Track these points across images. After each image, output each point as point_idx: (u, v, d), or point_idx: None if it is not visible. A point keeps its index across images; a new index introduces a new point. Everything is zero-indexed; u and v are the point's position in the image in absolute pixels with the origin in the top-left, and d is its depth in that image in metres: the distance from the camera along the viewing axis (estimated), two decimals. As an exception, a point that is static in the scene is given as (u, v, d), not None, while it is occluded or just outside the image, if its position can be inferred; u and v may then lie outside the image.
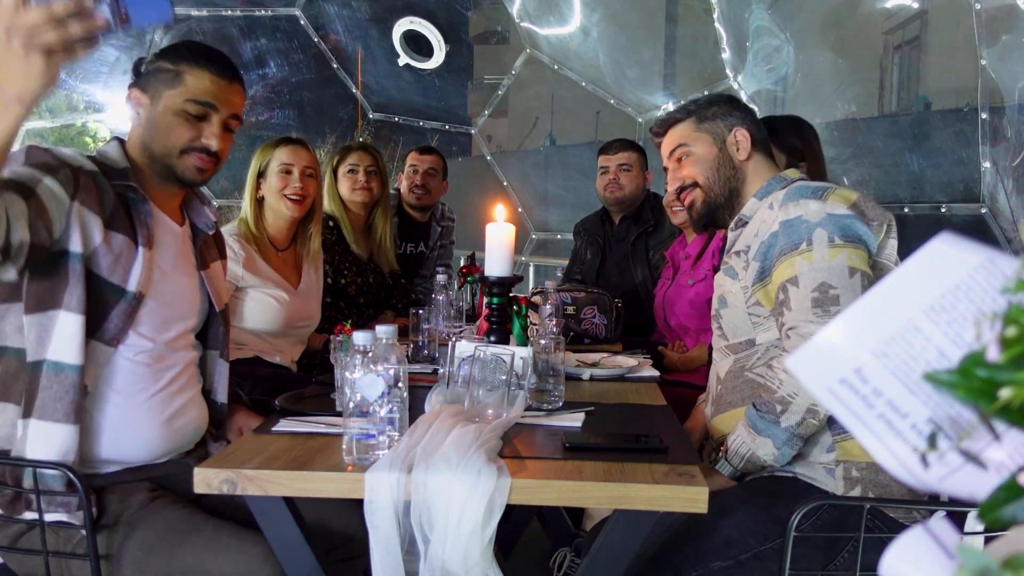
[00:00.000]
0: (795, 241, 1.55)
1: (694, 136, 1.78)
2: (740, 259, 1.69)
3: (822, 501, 1.40)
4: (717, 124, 1.77)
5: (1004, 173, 3.43)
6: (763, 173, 1.77)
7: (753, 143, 1.76)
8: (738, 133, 1.76)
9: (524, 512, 2.27)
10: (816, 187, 1.63)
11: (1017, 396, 0.42)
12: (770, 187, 1.74)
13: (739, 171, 1.76)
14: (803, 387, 1.35)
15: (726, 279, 1.72)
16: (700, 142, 1.77)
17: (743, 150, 1.75)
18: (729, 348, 1.70)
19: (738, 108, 1.81)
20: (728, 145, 1.77)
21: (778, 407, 1.49)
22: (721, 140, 1.77)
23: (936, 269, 0.46)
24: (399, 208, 3.55)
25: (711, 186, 1.76)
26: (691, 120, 1.79)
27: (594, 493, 1.24)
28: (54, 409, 1.37)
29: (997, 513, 0.44)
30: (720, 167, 1.76)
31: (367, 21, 5.59)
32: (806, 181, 1.72)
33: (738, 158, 1.76)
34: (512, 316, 1.88)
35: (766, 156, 1.79)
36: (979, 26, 3.50)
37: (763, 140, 1.80)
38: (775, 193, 1.69)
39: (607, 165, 3.24)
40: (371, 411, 1.28)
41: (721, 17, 4.69)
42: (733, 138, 1.76)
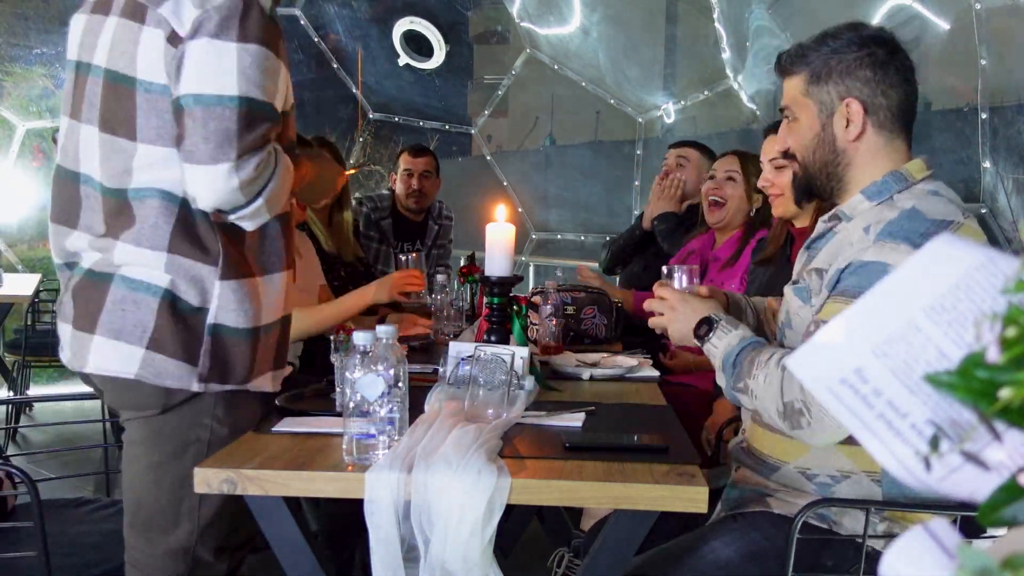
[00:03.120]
0: (861, 286, 1.30)
1: (800, 101, 1.46)
2: (818, 280, 1.42)
3: (823, 504, 1.40)
4: (829, 90, 1.43)
5: (1004, 173, 3.43)
6: (878, 159, 1.43)
7: (871, 117, 1.41)
8: (850, 105, 1.41)
9: (524, 512, 2.27)
10: (936, 222, 1.31)
11: (1017, 396, 0.42)
12: (886, 186, 1.41)
13: (841, 155, 1.44)
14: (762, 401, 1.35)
15: (795, 298, 1.48)
16: (805, 111, 1.46)
17: (853, 128, 1.41)
18: None
19: (867, 64, 1.40)
20: (835, 120, 1.43)
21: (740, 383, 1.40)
22: (828, 113, 1.43)
23: (936, 269, 0.46)
24: (393, 209, 3.55)
25: (807, 165, 1.48)
26: (805, 75, 1.45)
27: (594, 493, 1.24)
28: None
29: (997, 514, 0.44)
30: (819, 147, 1.46)
31: (367, 21, 5.59)
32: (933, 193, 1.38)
33: (844, 138, 1.43)
34: (512, 316, 1.88)
35: (890, 135, 1.43)
36: (979, 26, 3.50)
37: (891, 111, 1.42)
38: (891, 203, 1.38)
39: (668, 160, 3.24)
40: (371, 411, 1.28)
41: (721, 17, 4.69)
42: (843, 110, 1.41)
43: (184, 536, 1.43)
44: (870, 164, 1.44)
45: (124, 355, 1.36)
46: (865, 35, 1.43)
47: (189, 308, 1.37)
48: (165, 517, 1.43)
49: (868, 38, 1.42)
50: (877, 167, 1.43)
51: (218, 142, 1.27)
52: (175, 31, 1.29)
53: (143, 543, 1.45)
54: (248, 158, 1.30)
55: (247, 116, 1.30)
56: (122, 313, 1.36)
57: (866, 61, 1.41)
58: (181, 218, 1.37)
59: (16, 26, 5.05)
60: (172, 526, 1.43)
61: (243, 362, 1.42)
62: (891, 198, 1.40)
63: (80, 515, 1.84)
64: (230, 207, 1.33)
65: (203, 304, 1.37)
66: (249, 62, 1.30)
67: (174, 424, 1.41)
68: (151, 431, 1.42)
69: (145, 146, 1.35)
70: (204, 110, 1.28)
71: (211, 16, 1.28)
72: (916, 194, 1.39)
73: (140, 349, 1.36)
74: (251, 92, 1.30)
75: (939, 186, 1.42)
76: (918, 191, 1.40)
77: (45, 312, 4.34)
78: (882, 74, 1.41)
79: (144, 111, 1.34)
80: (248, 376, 1.44)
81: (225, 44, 1.28)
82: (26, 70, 5.05)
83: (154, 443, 1.42)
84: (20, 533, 1.60)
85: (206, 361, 1.38)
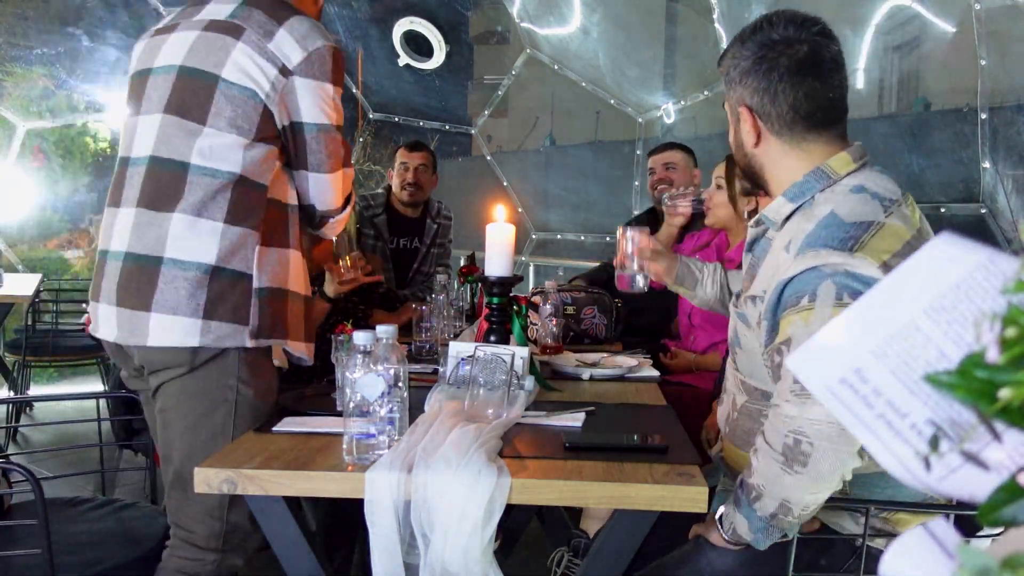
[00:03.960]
0: (799, 293, 1.28)
1: (726, 100, 1.46)
2: (754, 309, 1.41)
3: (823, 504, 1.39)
4: (731, 95, 1.43)
5: (1004, 173, 3.43)
6: (791, 162, 1.39)
7: (764, 124, 1.39)
8: (743, 113, 1.40)
9: (524, 512, 2.27)
10: (854, 224, 1.27)
11: (1017, 397, 0.42)
12: (806, 186, 1.37)
13: (751, 159, 1.44)
14: (774, 482, 1.27)
15: (739, 322, 1.47)
16: (729, 114, 1.46)
17: (750, 135, 1.41)
18: (744, 385, 1.50)
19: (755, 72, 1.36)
20: (741, 126, 1.42)
21: (752, 492, 1.31)
22: (736, 118, 1.44)
23: (936, 269, 0.46)
24: (388, 205, 3.55)
25: (739, 165, 1.51)
26: (723, 79, 1.45)
27: (594, 493, 1.24)
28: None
29: (997, 514, 0.44)
30: (737, 150, 1.47)
31: (367, 21, 5.59)
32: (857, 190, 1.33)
33: (749, 143, 1.42)
34: (512, 316, 1.88)
35: (795, 139, 1.38)
36: (979, 26, 3.50)
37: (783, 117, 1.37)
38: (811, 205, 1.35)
39: (654, 166, 3.25)
40: (371, 411, 1.28)
41: (721, 17, 4.69)
42: (743, 116, 1.41)
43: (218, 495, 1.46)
44: (781, 166, 1.40)
45: (185, 327, 1.52)
46: (761, 40, 1.37)
47: (235, 274, 1.55)
48: None
49: (762, 43, 1.37)
50: (793, 168, 1.39)
51: (336, 159, 1.68)
52: (285, 65, 1.59)
53: (181, 501, 1.56)
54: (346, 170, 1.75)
55: (341, 140, 1.70)
56: (174, 290, 1.52)
57: (751, 66, 1.37)
58: (237, 193, 1.56)
59: (16, 26, 5.05)
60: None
61: (282, 318, 1.61)
62: (812, 199, 1.36)
63: (78, 514, 1.84)
64: (333, 207, 1.72)
65: (247, 269, 1.56)
66: (338, 99, 1.69)
67: (202, 385, 1.55)
68: (185, 394, 1.56)
69: (213, 131, 1.56)
70: (325, 135, 1.65)
71: (314, 59, 1.61)
72: (837, 193, 1.34)
73: (198, 320, 1.52)
74: (339, 121, 1.69)
75: (866, 178, 1.35)
76: (840, 189, 1.35)
77: (45, 312, 4.34)
78: (767, 81, 1.36)
79: (219, 103, 1.56)
80: (287, 332, 1.62)
81: (327, 85, 1.63)
82: (26, 70, 5.05)
83: (188, 405, 1.56)
84: (17, 532, 1.61)
85: (255, 320, 1.56)
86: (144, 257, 1.54)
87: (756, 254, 1.50)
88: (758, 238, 1.52)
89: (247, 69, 1.58)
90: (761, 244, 1.49)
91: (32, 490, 1.43)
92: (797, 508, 1.27)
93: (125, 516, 1.84)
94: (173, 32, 1.65)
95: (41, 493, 1.43)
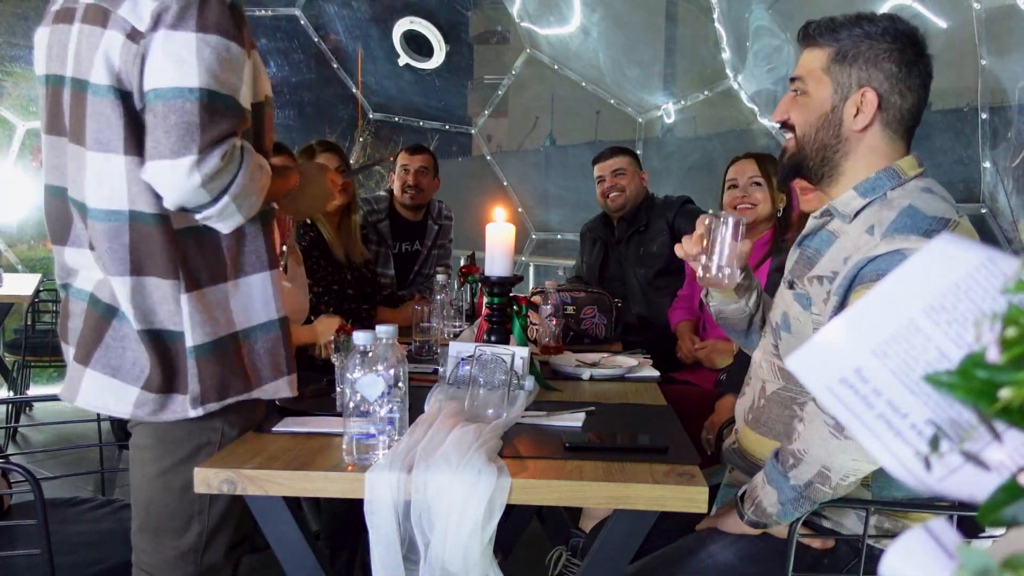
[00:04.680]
0: (881, 272, 1.27)
1: (817, 76, 1.43)
2: (820, 288, 1.40)
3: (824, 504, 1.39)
4: (851, 72, 1.40)
5: (1004, 173, 3.43)
6: (876, 156, 1.41)
7: (883, 112, 1.39)
8: (866, 94, 1.39)
9: (524, 512, 2.27)
10: (935, 219, 1.31)
11: (1017, 397, 0.42)
12: (878, 183, 1.40)
13: (842, 142, 1.42)
14: (818, 446, 1.27)
15: (795, 304, 1.46)
16: (819, 87, 1.42)
17: (862, 119, 1.39)
18: (782, 372, 1.50)
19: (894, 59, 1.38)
20: (847, 105, 1.40)
21: (790, 459, 1.31)
22: (842, 96, 1.41)
23: (936, 269, 0.46)
24: (391, 210, 3.55)
25: (805, 142, 1.45)
26: (830, 51, 1.41)
27: (594, 493, 1.24)
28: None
29: (997, 514, 0.44)
30: (823, 128, 1.43)
31: (367, 21, 5.59)
32: (927, 191, 1.37)
33: (851, 126, 1.40)
34: (512, 316, 1.87)
35: (893, 135, 1.41)
36: (979, 26, 3.50)
37: (902, 111, 1.40)
38: (885, 200, 1.38)
39: (602, 174, 3.25)
40: (371, 411, 1.28)
41: (721, 17, 4.69)
42: (857, 98, 1.39)
43: (194, 538, 1.43)
44: (867, 159, 1.42)
45: (120, 393, 1.35)
46: (900, 29, 1.40)
47: (168, 334, 1.34)
48: (175, 520, 1.42)
49: (902, 33, 1.39)
50: (872, 163, 1.42)
51: (179, 135, 1.23)
52: (135, 27, 1.25)
53: (152, 547, 1.44)
54: (210, 152, 1.25)
55: (209, 109, 1.25)
56: (121, 350, 1.34)
57: (895, 55, 1.38)
58: (133, 232, 1.31)
59: (16, 26, 5.05)
60: (182, 529, 1.42)
61: (237, 372, 1.38)
62: (884, 195, 1.39)
63: (78, 514, 1.84)
64: (195, 205, 1.28)
65: (177, 326, 1.33)
66: (208, 52, 1.25)
67: (185, 429, 1.39)
68: (159, 437, 1.40)
69: (91, 153, 1.30)
70: (165, 104, 1.23)
71: (169, 7, 1.24)
72: (910, 191, 1.38)
73: (136, 389, 1.34)
74: (212, 84, 1.25)
75: (931, 183, 1.41)
76: (911, 188, 1.38)
77: (45, 312, 4.34)
78: (906, 73, 1.39)
79: (90, 116, 1.29)
80: (250, 384, 1.41)
81: (184, 35, 1.24)
82: (26, 70, 5.05)
83: (164, 448, 1.40)
84: (16, 532, 1.61)
85: (195, 385, 1.34)
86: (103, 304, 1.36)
87: (815, 244, 1.48)
88: (816, 230, 1.49)
89: (108, 62, 1.27)
90: (820, 235, 1.48)
91: (32, 490, 1.43)
92: (836, 476, 1.27)
93: (125, 516, 1.83)
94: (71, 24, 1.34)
95: (41, 493, 1.43)
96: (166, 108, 1.23)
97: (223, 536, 1.46)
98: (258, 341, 1.42)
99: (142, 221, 1.31)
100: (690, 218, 3.12)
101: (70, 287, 1.42)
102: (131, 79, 1.27)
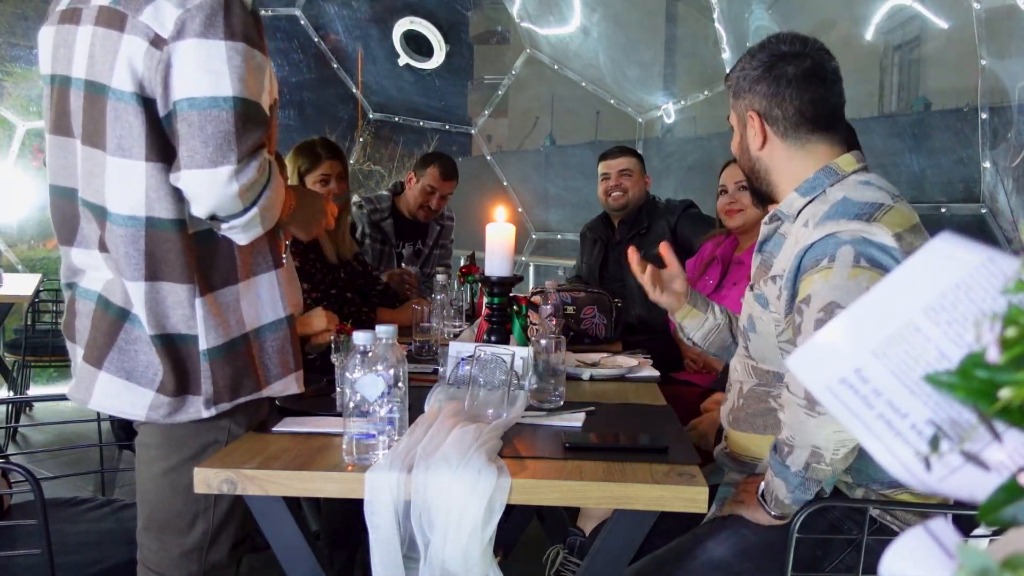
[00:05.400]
0: (817, 257, 1.36)
1: (732, 114, 1.59)
2: (774, 286, 1.49)
3: (823, 503, 1.40)
4: (740, 103, 1.55)
5: (1004, 173, 3.43)
6: (798, 163, 1.51)
7: (771, 127, 1.51)
8: (752, 117, 1.52)
9: (524, 512, 2.27)
10: (866, 204, 1.38)
11: (1017, 397, 0.42)
12: (817, 182, 1.48)
13: (756, 162, 1.55)
14: (800, 428, 1.32)
15: (756, 304, 1.54)
16: (735, 124, 1.59)
17: (756, 139, 1.53)
18: (754, 370, 1.57)
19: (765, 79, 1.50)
20: (748, 131, 1.55)
21: (784, 448, 1.36)
22: (743, 125, 1.56)
23: (936, 269, 0.46)
24: (394, 209, 3.55)
25: (743, 170, 1.62)
26: (730, 92, 1.58)
27: (594, 493, 1.24)
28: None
29: (997, 514, 0.44)
30: (742, 155, 1.59)
31: (367, 21, 5.59)
32: (864, 183, 1.45)
33: (754, 147, 1.54)
34: (512, 316, 1.87)
35: (800, 140, 1.51)
36: (979, 26, 3.50)
37: (789, 120, 1.50)
38: (824, 196, 1.46)
39: (608, 172, 3.24)
40: (371, 411, 1.28)
41: (721, 17, 4.69)
42: (750, 122, 1.53)
43: (199, 537, 1.44)
44: (788, 167, 1.52)
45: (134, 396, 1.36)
46: (772, 52, 1.52)
47: (181, 338, 1.34)
48: (181, 519, 1.43)
49: (773, 56, 1.51)
50: (800, 168, 1.51)
51: (217, 145, 1.24)
52: (158, 34, 1.25)
53: (157, 545, 1.44)
54: (248, 162, 1.26)
55: (242, 117, 1.25)
56: (134, 353, 1.35)
57: (766, 76, 1.50)
58: (150, 239, 1.32)
59: (16, 26, 5.05)
60: (187, 528, 1.43)
61: (248, 372, 1.40)
62: (824, 192, 1.48)
63: (77, 514, 1.84)
64: (227, 213, 1.29)
65: (191, 330, 1.34)
66: (239, 61, 1.25)
67: (192, 428, 1.39)
68: (167, 435, 1.40)
69: (112, 159, 1.30)
70: (200, 114, 1.23)
71: (194, 15, 1.23)
72: (847, 185, 1.46)
73: (151, 392, 1.35)
74: (243, 92, 1.26)
75: (871, 177, 1.48)
76: (849, 183, 1.46)
77: (45, 312, 4.34)
78: (776, 87, 1.50)
79: (111, 121, 1.29)
80: (259, 384, 1.42)
81: (214, 43, 1.24)
82: (26, 70, 5.05)
83: (171, 447, 1.40)
84: (16, 532, 1.61)
85: (208, 387, 1.35)
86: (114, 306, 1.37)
87: (769, 249, 1.58)
88: (770, 236, 1.59)
89: (131, 68, 1.27)
90: (774, 240, 1.57)
91: (32, 490, 1.43)
92: (828, 453, 1.31)
93: (125, 516, 1.83)
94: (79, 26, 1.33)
95: (41, 493, 1.43)
96: (202, 118, 1.24)
97: (227, 535, 1.46)
98: (267, 340, 1.43)
99: (159, 227, 1.32)
100: (692, 222, 3.13)
101: (76, 286, 1.43)
102: (154, 86, 1.27)
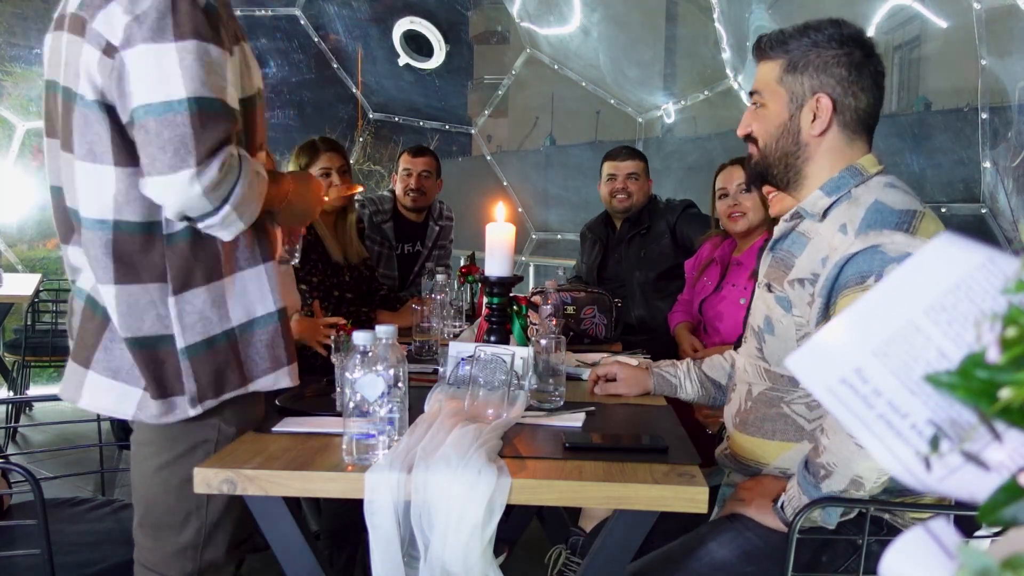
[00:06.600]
0: (864, 273, 1.33)
1: (773, 89, 1.49)
2: (802, 291, 1.44)
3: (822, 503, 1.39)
4: (803, 81, 1.45)
5: (1004, 173, 3.43)
6: (836, 157, 1.47)
7: (838, 115, 1.45)
8: (820, 100, 1.44)
9: (524, 512, 2.27)
10: (903, 212, 1.37)
11: (1017, 397, 0.42)
12: (842, 182, 1.45)
13: (803, 148, 1.48)
14: (847, 459, 1.29)
15: (777, 307, 1.49)
16: (775, 99, 1.49)
17: (819, 123, 1.45)
18: (767, 374, 1.53)
19: (843, 63, 1.43)
20: (803, 113, 1.46)
21: (821, 472, 1.34)
22: (798, 105, 1.47)
23: (936, 269, 0.46)
24: (395, 211, 3.55)
25: (767, 152, 1.51)
26: (782, 62, 1.47)
27: (594, 493, 1.24)
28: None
29: (997, 514, 0.44)
30: (783, 137, 1.49)
31: (367, 21, 5.59)
32: (890, 186, 1.43)
33: (809, 132, 1.46)
34: (512, 316, 1.87)
35: (852, 136, 1.47)
36: (979, 26, 3.50)
37: (858, 112, 1.45)
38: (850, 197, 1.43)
39: (615, 173, 3.23)
40: (371, 411, 1.28)
41: (721, 17, 4.69)
42: (812, 104, 1.45)
43: (192, 534, 1.44)
44: (828, 161, 1.48)
45: (122, 395, 1.37)
46: (846, 33, 1.45)
47: (158, 339, 1.35)
48: (174, 516, 1.43)
49: (848, 37, 1.45)
50: (834, 164, 1.47)
51: (175, 150, 1.23)
52: (109, 42, 1.25)
53: (152, 542, 1.45)
54: (209, 162, 1.25)
55: (200, 117, 1.24)
56: (120, 352, 1.36)
57: (843, 60, 1.44)
58: (117, 242, 1.32)
59: (16, 26, 5.05)
60: (181, 525, 1.43)
61: (232, 367, 1.39)
62: (849, 192, 1.45)
63: (77, 514, 1.84)
64: (198, 214, 1.28)
65: (167, 330, 1.34)
66: (191, 60, 1.23)
67: (182, 426, 1.40)
68: (158, 433, 1.42)
69: (80, 163, 1.32)
70: (156, 120, 1.23)
71: (142, 20, 1.23)
72: (873, 188, 1.43)
73: (138, 391, 1.36)
74: (199, 91, 1.24)
75: (893, 179, 1.46)
76: (874, 185, 1.44)
77: (45, 312, 4.34)
78: (856, 75, 1.44)
79: (81, 127, 1.30)
80: (245, 379, 1.42)
81: (163, 46, 1.23)
82: (26, 70, 5.05)
83: (163, 444, 1.42)
84: (16, 532, 1.61)
85: (191, 384, 1.35)
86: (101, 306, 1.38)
87: (786, 247, 1.53)
88: (787, 233, 1.54)
89: (90, 75, 1.28)
90: (792, 238, 1.53)
91: (31, 490, 1.43)
92: (869, 483, 1.31)
93: (125, 516, 1.83)
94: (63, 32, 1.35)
95: (40, 493, 1.43)
96: (158, 124, 1.23)
97: (223, 533, 1.46)
98: (256, 334, 1.42)
99: (127, 230, 1.32)
100: (692, 222, 3.13)
101: (74, 285, 1.45)
102: (111, 93, 1.28)
